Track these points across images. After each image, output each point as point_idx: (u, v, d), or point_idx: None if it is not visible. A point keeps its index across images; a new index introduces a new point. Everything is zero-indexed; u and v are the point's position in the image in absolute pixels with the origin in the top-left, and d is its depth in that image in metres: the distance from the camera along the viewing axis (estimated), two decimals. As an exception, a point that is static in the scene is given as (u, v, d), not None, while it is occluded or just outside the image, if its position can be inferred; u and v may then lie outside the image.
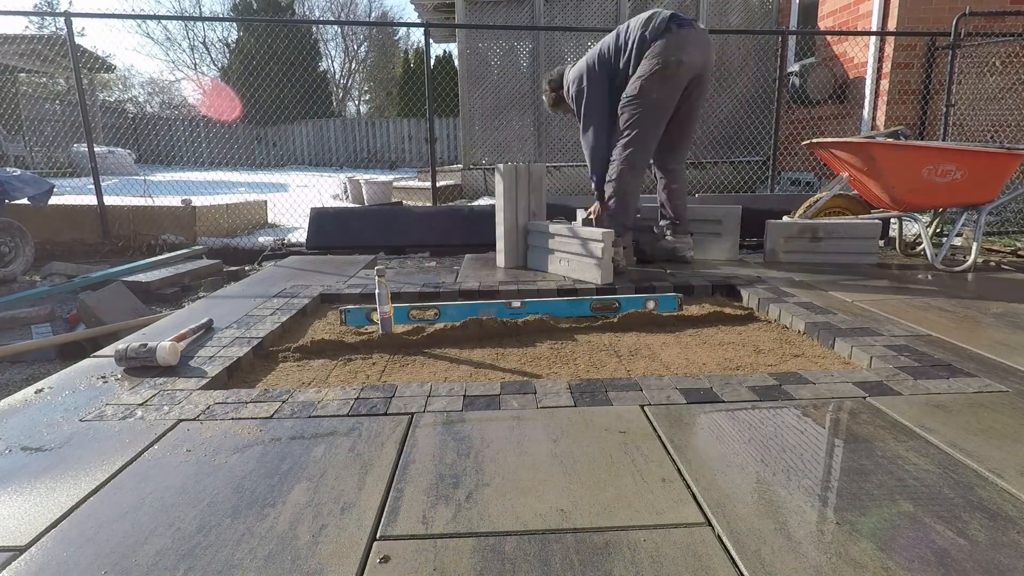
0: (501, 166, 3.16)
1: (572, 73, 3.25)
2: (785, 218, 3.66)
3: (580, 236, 2.89)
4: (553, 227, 3.04)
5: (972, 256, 3.28)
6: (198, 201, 5.65)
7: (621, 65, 3.04)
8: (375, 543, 0.99)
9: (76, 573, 0.93)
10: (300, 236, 5.33)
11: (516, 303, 2.42)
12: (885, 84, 5.99)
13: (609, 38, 3.12)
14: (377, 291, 2.19)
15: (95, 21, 34.95)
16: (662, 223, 3.42)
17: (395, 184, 8.58)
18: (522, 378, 1.80)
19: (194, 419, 1.46)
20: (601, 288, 2.76)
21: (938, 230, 3.91)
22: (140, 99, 22.67)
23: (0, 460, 1.27)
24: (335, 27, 24.74)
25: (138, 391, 1.63)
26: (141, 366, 1.77)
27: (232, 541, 1.00)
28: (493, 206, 3.41)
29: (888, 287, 2.82)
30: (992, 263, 3.60)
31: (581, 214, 3.46)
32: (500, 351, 2.09)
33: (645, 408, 1.49)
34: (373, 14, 27.77)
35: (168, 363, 1.77)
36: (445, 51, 18.99)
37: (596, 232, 2.79)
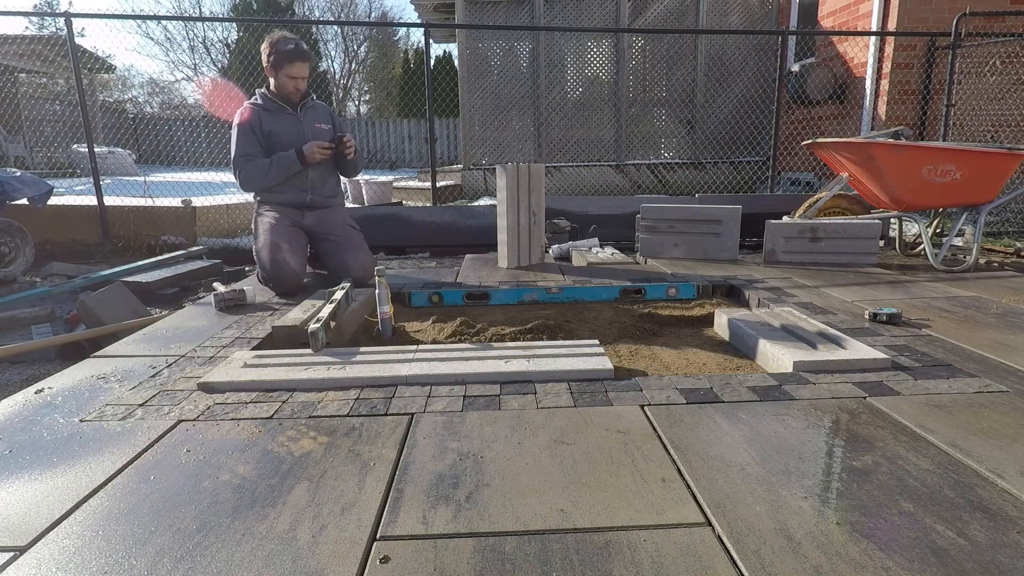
0: (505, 165, 3.16)
1: None
2: (785, 218, 3.66)
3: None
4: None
5: (972, 256, 3.28)
6: (198, 201, 5.65)
7: None
8: (375, 543, 0.99)
9: (76, 573, 0.93)
10: (300, 236, 5.31)
11: (555, 288, 2.77)
12: (885, 84, 5.99)
13: None
14: (377, 291, 2.19)
15: (95, 22, 34.99)
16: None
17: (395, 184, 8.57)
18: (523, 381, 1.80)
19: (194, 419, 1.46)
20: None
21: (938, 230, 3.91)
22: (140, 99, 22.68)
23: (0, 460, 1.27)
24: (335, 27, 24.76)
25: (138, 391, 1.63)
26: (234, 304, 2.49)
27: (232, 541, 1.00)
28: (492, 206, 3.41)
29: (888, 287, 2.82)
30: (995, 263, 3.60)
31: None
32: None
33: (645, 408, 1.49)
34: (373, 14, 27.78)
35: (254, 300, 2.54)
36: (445, 51, 19.00)
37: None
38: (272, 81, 2.90)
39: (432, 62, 5.57)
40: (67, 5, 25.32)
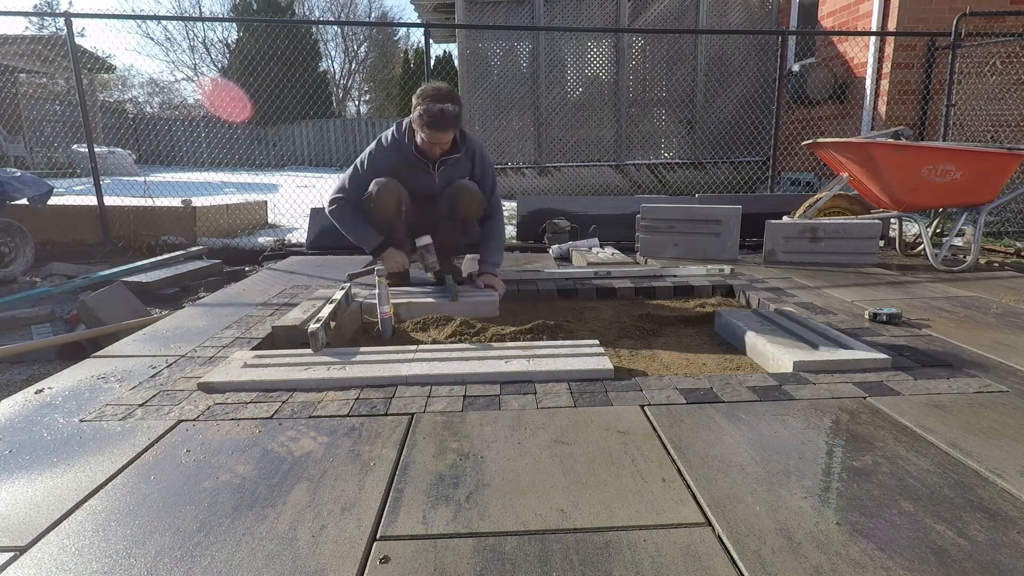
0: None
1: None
2: (785, 218, 3.66)
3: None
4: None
5: (972, 256, 3.28)
6: (198, 201, 5.65)
7: None
8: (375, 543, 0.99)
9: (76, 573, 0.93)
10: (300, 236, 5.32)
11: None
12: (885, 84, 5.99)
13: None
14: (377, 291, 2.19)
15: (95, 22, 34.99)
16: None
17: (395, 184, 8.56)
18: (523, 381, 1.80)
19: (194, 420, 1.46)
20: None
21: (938, 230, 3.91)
22: (140, 99, 22.67)
23: (0, 460, 1.27)
24: (335, 27, 24.74)
25: (138, 391, 1.63)
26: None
27: (232, 541, 1.00)
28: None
29: (888, 287, 2.82)
30: (995, 263, 3.60)
31: None
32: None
33: (645, 408, 1.49)
34: (373, 14, 27.76)
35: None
36: (445, 51, 18.98)
37: None
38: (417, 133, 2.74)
39: (432, 62, 5.56)
40: (67, 5, 25.32)
